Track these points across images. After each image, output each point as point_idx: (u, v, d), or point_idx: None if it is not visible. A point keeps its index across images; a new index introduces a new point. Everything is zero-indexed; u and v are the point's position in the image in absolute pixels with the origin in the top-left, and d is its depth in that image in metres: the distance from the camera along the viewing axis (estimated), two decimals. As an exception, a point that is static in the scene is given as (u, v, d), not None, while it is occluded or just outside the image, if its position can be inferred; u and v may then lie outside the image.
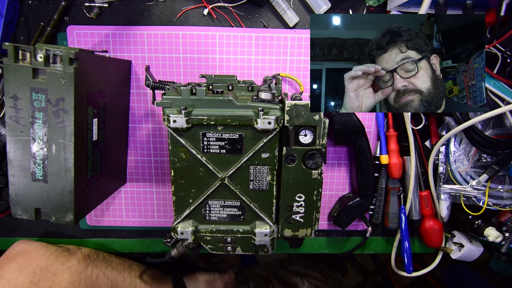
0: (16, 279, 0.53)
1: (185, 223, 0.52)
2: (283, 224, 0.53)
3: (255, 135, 0.48)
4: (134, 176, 0.64)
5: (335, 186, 0.65)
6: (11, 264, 0.55)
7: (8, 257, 0.57)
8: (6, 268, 0.54)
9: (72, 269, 0.57)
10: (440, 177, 0.63)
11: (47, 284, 0.54)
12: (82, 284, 0.57)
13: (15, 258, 0.56)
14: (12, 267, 0.54)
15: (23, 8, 0.57)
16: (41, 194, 0.45)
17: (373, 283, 1.46)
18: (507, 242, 0.61)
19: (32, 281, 0.53)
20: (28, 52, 0.41)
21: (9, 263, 0.56)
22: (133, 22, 0.58)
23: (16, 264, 0.55)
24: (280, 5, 0.56)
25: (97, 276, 0.59)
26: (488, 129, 0.58)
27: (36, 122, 0.43)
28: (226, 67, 0.59)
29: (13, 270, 0.54)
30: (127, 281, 0.62)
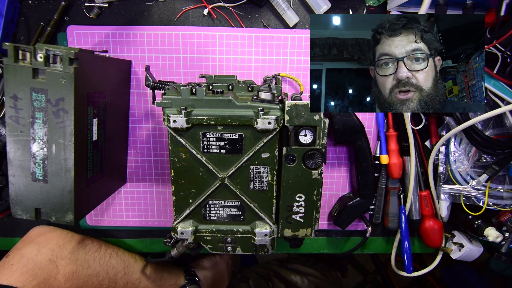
0: (35, 257, 0.55)
1: (185, 223, 0.52)
2: (283, 224, 0.53)
3: (255, 135, 0.48)
4: (134, 176, 0.64)
5: (335, 186, 0.65)
6: (31, 244, 0.58)
7: (27, 239, 0.60)
8: (26, 247, 0.57)
9: (87, 248, 0.60)
10: (440, 177, 0.63)
11: (64, 262, 0.56)
12: (96, 262, 0.59)
13: (34, 239, 0.59)
14: (32, 246, 0.57)
15: (23, 8, 0.57)
16: (41, 194, 0.45)
17: (373, 283, 1.46)
18: (507, 242, 0.61)
19: (50, 259, 0.56)
20: (28, 52, 0.41)
21: (29, 243, 0.58)
22: (133, 22, 0.58)
23: (35, 243, 0.58)
24: (280, 5, 0.56)
25: (111, 254, 0.62)
26: (488, 129, 0.58)
27: (36, 122, 0.43)
28: (226, 67, 0.59)
29: (33, 249, 0.56)
30: (139, 263, 0.64)
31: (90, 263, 0.59)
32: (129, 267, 0.62)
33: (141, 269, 0.63)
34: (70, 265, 0.56)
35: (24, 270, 0.53)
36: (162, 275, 0.65)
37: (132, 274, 0.62)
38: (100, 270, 0.59)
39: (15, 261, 0.54)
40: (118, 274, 0.61)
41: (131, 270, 0.62)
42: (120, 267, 0.61)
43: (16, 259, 0.54)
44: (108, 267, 0.60)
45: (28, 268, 0.53)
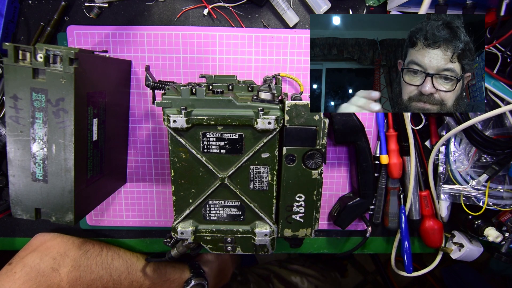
0: (38, 265, 0.56)
1: (185, 223, 0.52)
2: (283, 224, 0.53)
3: (255, 135, 0.48)
4: (134, 176, 0.64)
5: (335, 186, 0.65)
6: (33, 252, 0.58)
7: (29, 248, 0.61)
8: (28, 256, 0.57)
9: (89, 253, 0.61)
10: (440, 177, 0.63)
11: (66, 269, 0.57)
12: (99, 266, 0.60)
13: (36, 248, 0.60)
14: (34, 255, 0.58)
15: (23, 8, 0.57)
16: (41, 194, 0.45)
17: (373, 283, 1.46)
18: (507, 242, 0.61)
19: (53, 267, 0.56)
20: (28, 52, 0.41)
21: (31, 252, 0.58)
22: (133, 22, 0.58)
23: (37, 252, 0.58)
24: (280, 5, 0.56)
25: (112, 257, 0.62)
26: (488, 129, 0.58)
27: (36, 122, 0.43)
28: (226, 67, 0.59)
29: (35, 258, 0.57)
30: (142, 261, 0.65)
31: (93, 268, 0.59)
32: (132, 267, 0.63)
33: (144, 266, 0.64)
34: (73, 272, 0.57)
35: (27, 278, 0.53)
36: (166, 270, 0.66)
37: (136, 273, 0.62)
38: (103, 274, 0.59)
39: (18, 270, 0.54)
40: (122, 275, 0.61)
41: (134, 269, 0.62)
42: (123, 268, 0.62)
43: (19, 267, 0.55)
44: (111, 270, 0.60)
45: (31, 276, 0.54)
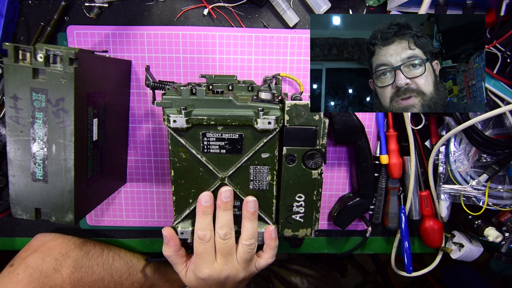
0: (40, 266, 0.56)
1: (185, 223, 0.52)
2: (283, 224, 0.53)
3: (255, 135, 0.48)
4: (134, 176, 0.64)
5: (335, 186, 0.65)
6: (35, 253, 0.58)
7: (30, 248, 0.60)
8: (30, 257, 0.57)
9: (90, 254, 0.61)
10: (440, 177, 0.63)
11: (68, 270, 0.57)
12: (100, 267, 0.60)
13: (37, 249, 0.59)
14: (36, 255, 0.57)
15: (23, 8, 0.57)
16: (41, 194, 0.45)
17: (373, 283, 1.46)
18: (507, 242, 0.61)
19: (55, 268, 0.56)
20: (28, 52, 0.41)
21: (32, 253, 0.58)
22: (133, 22, 0.58)
23: (39, 253, 0.58)
24: (280, 5, 0.56)
25: (113, 257, 0.62)
26: (488, 129, 0.58)
27: (36, 122, 0.43)
28: (226, 67, 0.59)
29: (37, 259, 0.57)
30: (142, 261, 0.65)
31: (94, 269, 0.59)
32: (133, 267, 0.63)
33: (145, 267, 0.64)
34: (75, 273, 0.57)
35: (30, 279, 0.54)
36: (167, 271, 0.66)
37: (137, 274, 0.63)
38: (104, 275, 0.59)
39: (20, 271, 0.54)
40: (123, 275, 0.61)
41: (135, 269, 0.63)
42: (124, 269, 0.62)
43: (22, 268, 0.55)
44: (112, 270, 0.60)
45: (34, 277, 0.54)
